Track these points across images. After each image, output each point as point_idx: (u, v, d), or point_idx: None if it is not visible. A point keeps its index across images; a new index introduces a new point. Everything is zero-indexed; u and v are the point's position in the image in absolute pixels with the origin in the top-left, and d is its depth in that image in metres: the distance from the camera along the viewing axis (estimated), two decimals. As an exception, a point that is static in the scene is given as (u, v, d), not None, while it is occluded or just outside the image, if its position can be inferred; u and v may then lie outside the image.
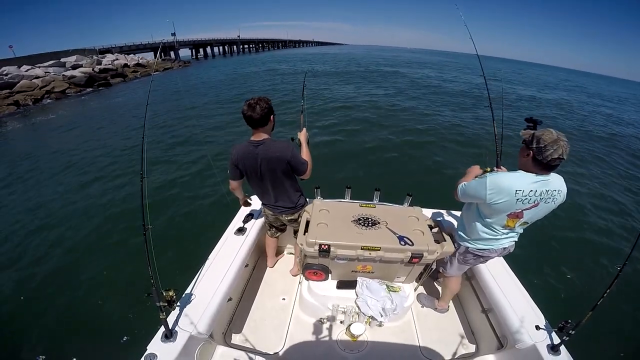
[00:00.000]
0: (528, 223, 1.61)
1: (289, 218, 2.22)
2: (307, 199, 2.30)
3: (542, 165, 1.39)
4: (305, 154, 1.98)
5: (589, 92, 29.01)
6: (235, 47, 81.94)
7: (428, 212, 2.54)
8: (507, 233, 1.68)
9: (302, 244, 1.93)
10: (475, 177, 1.68)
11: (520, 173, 1.47)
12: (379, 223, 2.04)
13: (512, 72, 45.63)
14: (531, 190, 1.44)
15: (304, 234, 1.97)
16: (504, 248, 1.77)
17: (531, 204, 1.48)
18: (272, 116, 1.84)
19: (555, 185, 1.46)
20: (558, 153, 1.32)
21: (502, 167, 1.90)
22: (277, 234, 2.52)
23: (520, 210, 1.52)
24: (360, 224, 2.03)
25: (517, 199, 1.46)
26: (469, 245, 1.83)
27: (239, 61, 44.36)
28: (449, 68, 36.89)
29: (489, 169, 1.82)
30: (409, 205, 2.41)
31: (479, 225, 1.71)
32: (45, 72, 21.70)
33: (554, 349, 1.59)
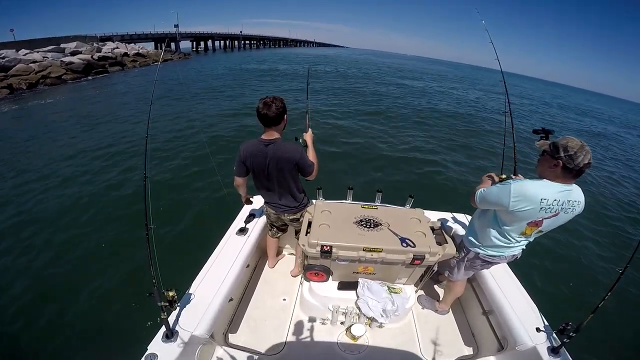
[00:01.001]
0: (543, 232, 1.61)
1: (291, 217, 2.21)
2: (310, 199, 2.30)
3: (573, 173, 1.38)
4: (312, 155, 1.99)
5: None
6: (236, 42, 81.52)
7: (430, 214, 2.56)
8: (521, 241, 1.68)
9: (303, 245, 1.92)
10: (494, 183, 1.66)
11: (546, 182, 1.45)
12: (380, 224, 2.04)
13: (514, 85, 46.04)
14: (555, 200, 1.43)
15: (306, 235, 1.97)
16: (513, 255, 1.78)
17: (552, 213, 1.47)
18: (285, 116, 1.87)
19: (576, 196, 1.46)
20: (587, 158, 1.32)
21: (519, 174, 1.89)
22: (279, 234, 2.51)
23: (540, 219, 1.51)
24: (362, 225, 2.03)
25: (541, 208, 1.45)
26: (479, 251, 1.81)
27: (241, 57, 43.85)
28: (451, 79, 37.03)
29: (504, 176, 1.83)
30: (411, 207, 2.42)
31: (493, 232, 1.69)
32: (44, 57, 21.37)
33: (554, 351, 1.60)
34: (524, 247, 1.77)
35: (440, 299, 2.37)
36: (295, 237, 2.43)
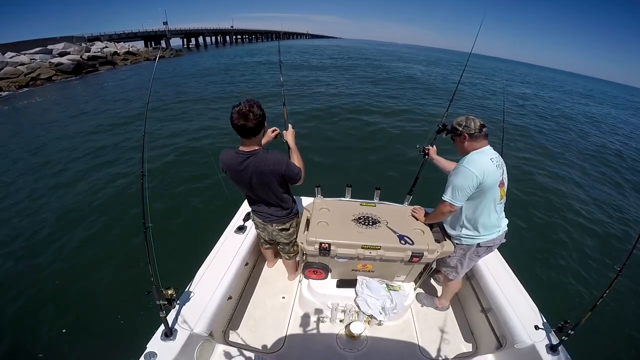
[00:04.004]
0: (505, 190, 1.75)
1: (279, 227, 2.04)
2: (302, 204, 2.30)
3: (480, 137, 1.65)
4: (297, 159, 1.82)
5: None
6: (228, 37, 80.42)
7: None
8: (502, 208, 1.81)
9: (302, 243, 1.91)
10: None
11: (475, 151, 1.66)
12: (379, 222, 2.03)
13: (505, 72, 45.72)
14: (494, 157, 1.65)
15: (304, 233, 1.96)
16: (505, 231, 1.86)
17: (502, 168, 1.68)
18: (265, 123, 1.63)
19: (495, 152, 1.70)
20: (477, 122, 1.63)
21: (434, 145, 2.22)
22: (268, 247, 2.41)
23: (501, 178, 1.68)
24: (360, 222, 2.02)
25: (495, 165, 1.63)
26: (480, 240, 1.80)
27: (234, 52, 43.27)
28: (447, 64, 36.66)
29: (427, 148, 2.21)
30: (409, 204, 2.41)
31: (485, 214, 1.74)
32: (31, 59, 20.99)
33: (552, 348, 1.61)
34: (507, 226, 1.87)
35: (439, 296, 2.38)
36: (281, 250, 2.29)
